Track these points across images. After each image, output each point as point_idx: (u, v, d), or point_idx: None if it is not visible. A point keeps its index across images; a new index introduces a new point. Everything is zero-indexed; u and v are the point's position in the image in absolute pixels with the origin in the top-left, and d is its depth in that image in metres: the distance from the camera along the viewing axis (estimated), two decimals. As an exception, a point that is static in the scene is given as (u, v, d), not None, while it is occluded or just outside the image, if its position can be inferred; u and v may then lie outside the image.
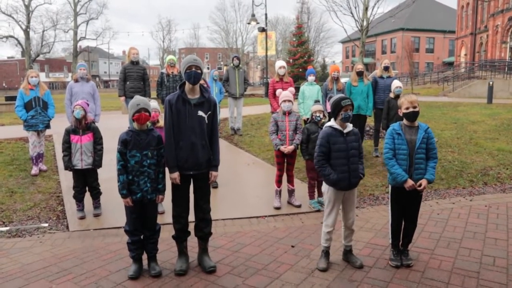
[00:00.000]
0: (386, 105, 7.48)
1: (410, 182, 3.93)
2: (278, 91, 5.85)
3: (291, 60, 33.98)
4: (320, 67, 57.45)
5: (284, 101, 5.62)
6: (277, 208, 5.81)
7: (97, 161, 5.51)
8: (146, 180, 3.74)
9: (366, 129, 9.17)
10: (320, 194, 5.95)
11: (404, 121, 4.08)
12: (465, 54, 42.43)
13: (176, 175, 3.77)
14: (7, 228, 5.34)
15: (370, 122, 9.44)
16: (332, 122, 4.00)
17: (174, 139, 3.74)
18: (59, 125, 7.61)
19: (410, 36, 55.91)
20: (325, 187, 4.10)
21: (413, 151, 3.96)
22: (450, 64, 49.82)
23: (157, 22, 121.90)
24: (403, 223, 4.18)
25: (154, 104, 4.92)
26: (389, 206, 4.25)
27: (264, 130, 10.66)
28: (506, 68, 29.45)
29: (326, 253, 4.13)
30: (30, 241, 4.93)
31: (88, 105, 5.53)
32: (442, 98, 21.09)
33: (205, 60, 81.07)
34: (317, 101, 5.88)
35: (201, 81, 3.96)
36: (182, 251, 4.06)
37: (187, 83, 3.78)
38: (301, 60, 34.01)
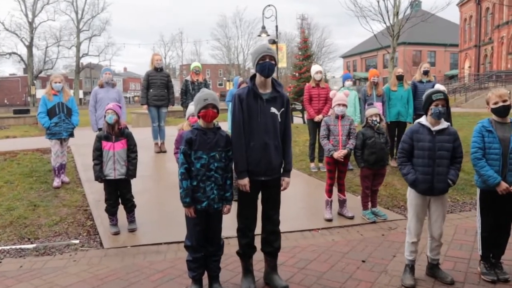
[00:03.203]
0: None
1: (504, 185, 3.49)
2: (332, 93, 5.43)
3: (297, 74, 33.68)
4: (322, 81, 57.36)
5: (338, 104, 5.18)
6: (329, 220, 5.29)
7: (131, 171, 4.99)
8: (212, 187, 3.22)
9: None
10: (375, 205, 5.46)
11: (494, 117, 3.65)
12: (469, 66, 42.33)
13: (246, 181, 3.27)
14: (34, 245, 4.80)
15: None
16: (423, 119, 3.56)
17: (245, 139, 3.26)
18: (76, 137, 7.08)
19: (411, 50, 56.02)
20: (408, 190, 3.68)
21: (507, 150, 3.52)
22: (452, 77, 49.69)
23: (159, 38, 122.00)
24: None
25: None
26: (477, 213, 3.77)
27: (292, 141, 10.19)
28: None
29: (411, 267, 3.63)
30: (62, 260, 4.39)
31: (120, 108, 5.05)
32: (456, 109, 20.73)
33: (207, 76, 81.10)
34: (370, 104, 5.44)
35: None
36: (248, 269, 3.54)
37: (258, 75, 3.31)
38: (307, 74, 33.65)
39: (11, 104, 60.91)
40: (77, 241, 4.91)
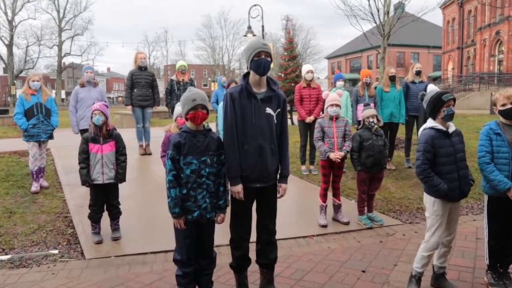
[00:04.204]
0: (423, 112, 6.86)
1: None
2: (324, 94, 5.20)
3: (282, 75, 33.48)
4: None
5: (331, 105, 4.96)
6: (324, 226, 5.06)
7: (121, 175, 4.68)
8: (204, 194, 2.94)
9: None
10: (371, 210, 5.25)
11: (501, 119, 3.46)
12: (453, 68, 42.80)
13: (239, 188, 3.01)
14: (9, 256, 4.44)
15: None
16: (432, 123, 3.32)
17: (238, 142, 3.00)
18: (56, 138, 6.71)
19: (395, 51, 56.39)
20: (429, 200, 3.36)
21: None
22: (436, 78, 50.17)
23: (143, 38, 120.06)
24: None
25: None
26: (485, 220, 3.57)
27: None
28: (496, 80, 29.75)
29: (418, 279, 3.40)
30: (39, 273, 4.05)
31: (107, 107, 4.73)
32: (442, 110, 20.88)
33: (192, 77, 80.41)
34: (366, 105, 5.24)
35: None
36: (243, 283, 3.27)
37: (252, 73, 3.05)
38: (293, 74, 33.47)
39: (-10, 104, 59.37)
40: (56, 251, 4.57)
